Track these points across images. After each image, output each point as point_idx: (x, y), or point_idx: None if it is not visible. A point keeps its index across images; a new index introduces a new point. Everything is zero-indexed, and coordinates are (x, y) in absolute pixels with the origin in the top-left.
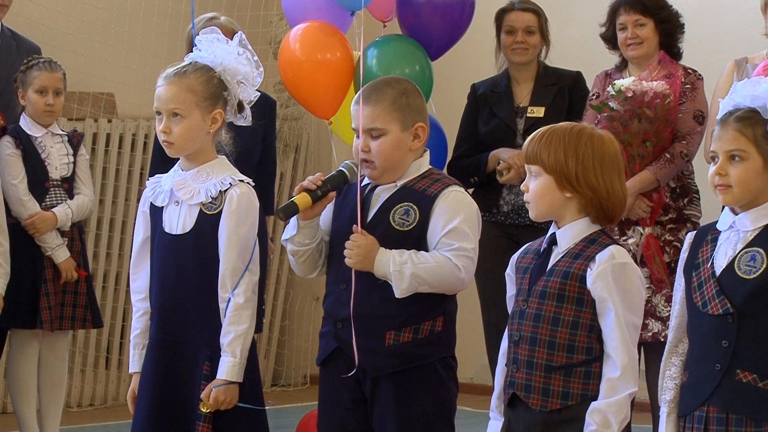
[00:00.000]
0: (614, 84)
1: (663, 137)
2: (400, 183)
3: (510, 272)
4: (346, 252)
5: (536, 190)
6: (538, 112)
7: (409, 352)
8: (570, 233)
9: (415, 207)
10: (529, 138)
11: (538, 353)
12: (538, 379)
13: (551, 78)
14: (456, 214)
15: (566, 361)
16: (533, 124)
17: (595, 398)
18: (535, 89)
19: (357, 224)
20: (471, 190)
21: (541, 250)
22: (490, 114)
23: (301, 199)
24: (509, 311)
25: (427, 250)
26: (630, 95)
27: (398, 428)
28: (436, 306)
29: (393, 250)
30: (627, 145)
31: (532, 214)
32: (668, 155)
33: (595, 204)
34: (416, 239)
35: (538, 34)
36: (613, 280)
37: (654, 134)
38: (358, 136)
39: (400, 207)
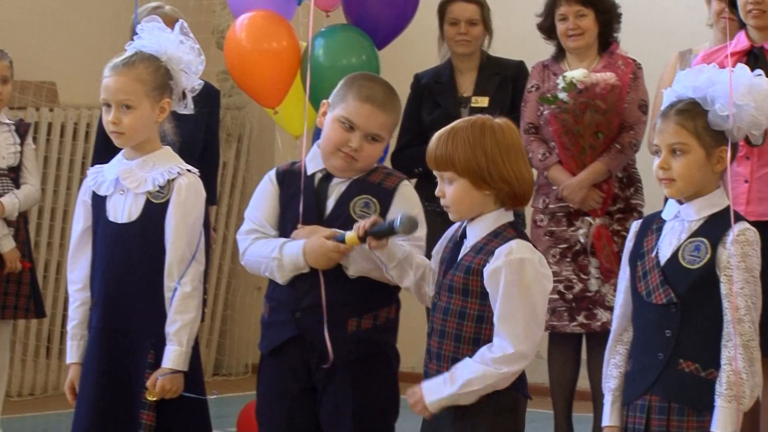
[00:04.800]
0: (564, 76)
1: (613, 128)
2: (353, 176)
3: (434, 252)
4: None
5: (454, 195)
6: (482, 101)
7: (370, 339)
8: (479, 227)
9: (375, 200)
10: (432, 143)
11: (445, 345)
12: (446, 370)
13: (494, 68)
14: (412, 207)
15: (471, 353)
16: (477, 113)
17: (503, 390)
18: (478, 79)
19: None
20: (414, 181)
21: (456, 240)
22: (434, 104)
23: (351, 237)
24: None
25: None
26: (582, 88)
27: (354, 416)
28: (391, 293)
29: (348, 232)
30: (579, 136)
31: (453, 217)
32: (618, 145)
33: (510, 194)
34: None
35: (481, 24)
36: (510, 275)
37: (606, 125)
38: (349, 130)
39: (360, 199)
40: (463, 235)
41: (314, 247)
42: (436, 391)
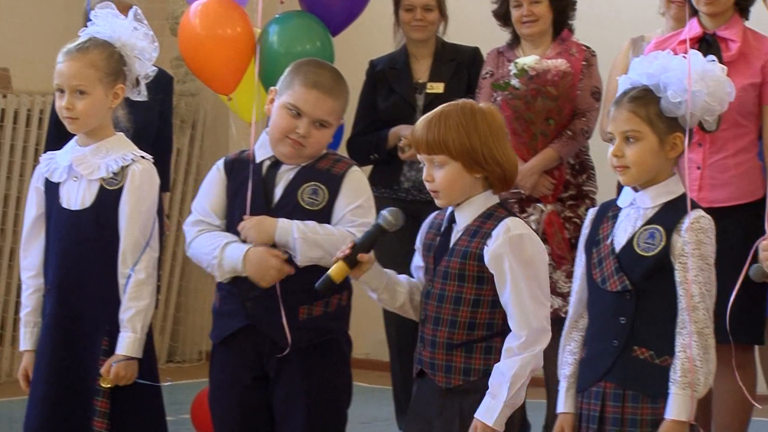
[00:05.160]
0: (516, 63)
1: (564, 115)
2: (302, 162)
3: (418, 244)
4: (243, 236)
5: (446, 178)
6: (438, 88)
7: (321, 326)
8: (468, 211)
9: (323, 187)
10: (420, 127)
11: (440, 332)
12: (441, 356)
13: (449, 54)
14: (361, 193)
15: (467, 337)
16: (432, 100)
17: (485, 374)
18: (433, 65)
19: (247, 213)
20: (371, 167)
21: (442, 227)
22: (389, 90)
23: (336, 270)
24: (415, 278)
25: None
26: (534, 74)
27: (306, 403)
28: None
29: (295, 220)
30: (530, 123)
31: (442, 202)
32: (570, 132)
33: (501, 177)
34: (326, 219)
35: (437, 10)
36: (511, 253)
37: (557, 112)
38: (296, 117)
39: (308, 186)
40: (452, 221)
41: (257, 259)
42: (491, 409)
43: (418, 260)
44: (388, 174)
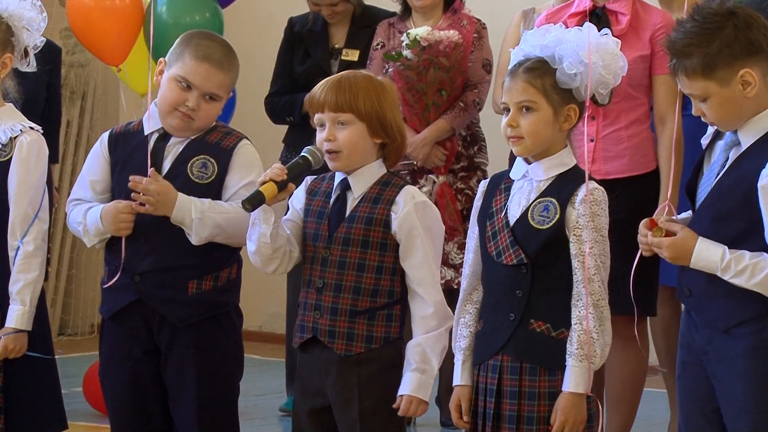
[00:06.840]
0: (408, 33)
1: (456, 86)
2: (190, 136)
3: (300, 206)
4: (142, 197)
5: (349, 138)
6: (353, 55)
7: (211, 300)
8: (363, 178)
9: (212, 160)
10: (326, 88)
11: (342, 299)
12: (343, 324)
13: (367, 20)
14: (253, 168)
15: (370, 305)
16: (347, 67)
17: (396, 340)
18: (350, 31)
19: (152, 169)
20: (286, 128)
21: (332, 194)
22: (306, 54)
23: (268, 190)
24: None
25: None
26: (426, 45)
27: (198, 377)
28: (232, 253)
29: (193, 197)
30: (422, 94)
31: (340, 164)
32: (462, 104)
33: (399, 146)
34: (215, 192)
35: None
36: (418, 219)
37: (449, 83)
38: (186, 89)
39: (197, 160)
40: (345, 188)
41: (108, 211)
42: (424, 385)
43: (290, 216)
44: (302, 137)
